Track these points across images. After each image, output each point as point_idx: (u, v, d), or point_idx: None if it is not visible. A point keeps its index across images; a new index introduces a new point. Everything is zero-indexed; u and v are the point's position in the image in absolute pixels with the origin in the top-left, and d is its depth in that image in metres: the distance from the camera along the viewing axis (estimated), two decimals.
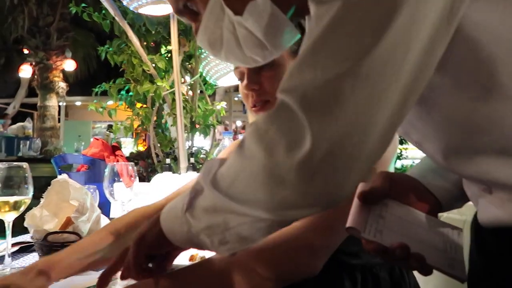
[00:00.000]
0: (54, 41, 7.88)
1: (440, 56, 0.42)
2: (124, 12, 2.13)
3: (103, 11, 2.28)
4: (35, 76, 7.90)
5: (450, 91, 0.46)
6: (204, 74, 2.49)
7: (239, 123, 14.91)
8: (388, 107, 0.40)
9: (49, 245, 0.95)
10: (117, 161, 2.40)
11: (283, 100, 0.42)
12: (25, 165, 1.01)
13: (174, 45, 2.02)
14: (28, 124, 8.27)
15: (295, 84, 0.42)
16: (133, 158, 2.59)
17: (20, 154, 5.38)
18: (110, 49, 2.31)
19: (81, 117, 13.47)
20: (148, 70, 2.20)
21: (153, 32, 2.20)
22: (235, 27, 0.57)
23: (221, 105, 2.52)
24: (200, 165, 2.56)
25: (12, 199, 0.98)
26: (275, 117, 0.43)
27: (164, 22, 2.23)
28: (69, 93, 8.32)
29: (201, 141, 2.78)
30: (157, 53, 2.29)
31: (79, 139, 5.90)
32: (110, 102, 2.67)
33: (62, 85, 7.96)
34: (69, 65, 8.08)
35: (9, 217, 0.97)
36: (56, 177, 1.21)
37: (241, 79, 0.95)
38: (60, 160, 2.57)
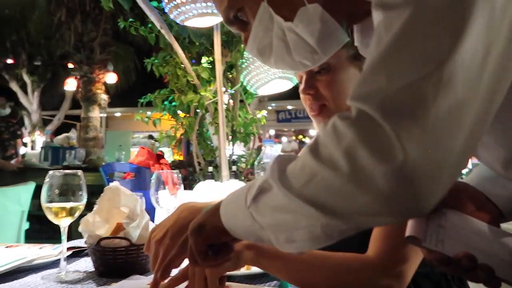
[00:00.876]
0: (97, 55, 8.24)
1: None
2: (170, 25, 2.21)
3: (149, 25, 2.38)
4: (79, 89, 8.28)
5: None
6: (245, 84, 2.53)
7: (272, 132, 14.97)
8: (472, 112, 0.39)
9: (101, 249, 0.99)
10: (162, 169, 2.46)
11: (360, 108, 0.41)
12: (80, 172, 1.05)
13: (217, 56, 2.07)
14: (72, 134, 8.66)
15: (370, 91, 0.41)
16: (175, 166, 2.65)
17: (65, 163, 5.64)
18: (156, 61, 2.40)
19: (120, 127, 13.98)
20: (192, 81, 2.27)
21: (197, 43, 2.27)
22: (285, 33, 0.59)
23: (262, 113, 2.55)
24: (240, 173, 2.60)
25: (68, 205, 1.03)
26: (355, 125, 0.41)
27: (207, 33, 2.29)
28: (110, 104, 8.65)
29: (236, 149, 2.81)
30: (199, 64, 2.36)
31: (120, 149, 6.11)
32: (149, 113, 2.75)
33: (104, 97, 8.30)
34: (111, 78, 8.43)
35: (65, 223, 1.02)
36: (103, 184, 1.25)
37: (300, 82, 0.97)
38: (108, 168, 2.68)
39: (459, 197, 0.55)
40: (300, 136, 16.35)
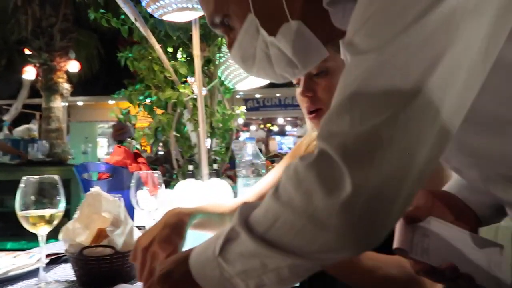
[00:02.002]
0: (58, 42, 7.83)
1: (472, 98, 0.43)
2: (144, 17, 2.11)
3: (122, 17, 2.26)
4: (39, 78, 7.86)
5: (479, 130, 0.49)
6: (222, 78, 2.47)
7: (240, 121, 14.97)
8: (426, 150, 0.42)
9: (84, 259, 0.94)
10: (140, 168, 2.38)
11: (322, 148, 0.43)
12: (56, 177, 1.00)
13: (196, 51, 2.00)
14: (33, 126, 8.24)
15: (334, 132, 0.43)
16: (151, 163, 2.57)
17: (28, 157, 5.36)
18: (130, 55, 2.29)
19: (83, 117, 13.44)
20: (170, 76, 2.19)
21: (174, 37, 2.19)
22: (268, 47, 0.60)
23: (241, 109, 2.51)
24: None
25: (47, 212, 0.96)
26: (314, 164, 0.44)
27: (184, 27, 2.21)
28: (72, 93, 8.30)
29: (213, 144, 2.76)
30: (175, 59, 2.27)
31: (86, 141, 5.87)
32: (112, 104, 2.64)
33: (66, 86, 7.92)
34: (73, 66, 8.05)
35: (43, 231, 0.96)
36: (70, 179, 1.19)
37: (297, 83, 0.97)
38: (82, 168, 2.55)
39: (443, 205, 0.59)
40: (268, 125, 16.42)
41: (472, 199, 0.60)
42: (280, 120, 16.40)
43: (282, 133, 16.83)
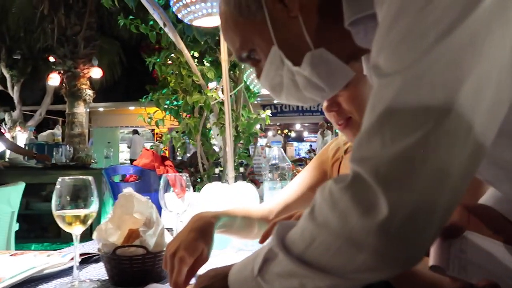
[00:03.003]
0: (81, 50, 8.04)
1: (504, 112, 0.43)
2: (173, 23, 2.15)
3: (151, 23, 2.31)
4: (63, 84, 8.07)
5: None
6: (248, 83, 2.49)
7: (257, 126, 15.00)
8: (460, 168, 0.42)
9: (117, 258, 0.95)
10: (167, 171, 2.41)
11: (356, 171, 0.44)
12: (90, 178, 1.02)
13: (223, 55, 2.02)
14: (57, 131, 8.46)
15: (366, 156, 0.44)
16: (176, 167, 2.61)
17: (52, 161, 5.48)
18: (158, 60, 2.34)
19: (104, 123, 13.72)
20: (197, 81, 2.22)
21: (202, 42, 2.22)
22: (294, 75, 0.62)
23: (266, 113, 2.52)
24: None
25: (81, 212, 0.99)
26: (349, 187, 0.44)
27: (211, 32, 2.24)
28: (93, 99, 8.48)
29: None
30: (201, 64, 2.31)
31: (108, 146, 5.98)
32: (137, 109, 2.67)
33: (89, 93, 8.11)
34: (96, 72, 8.24)
35: (78, 231, 0.97)
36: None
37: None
38: (111, 171, 2.60)
39: (480, 219, 0.57)
40: (286, 131, 16.40)
41: (510, 211, 0.58)
42: (298, 126, 16.35)
43: (299, 139, 16.77)
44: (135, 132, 10.98)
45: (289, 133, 16.16)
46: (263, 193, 1.65)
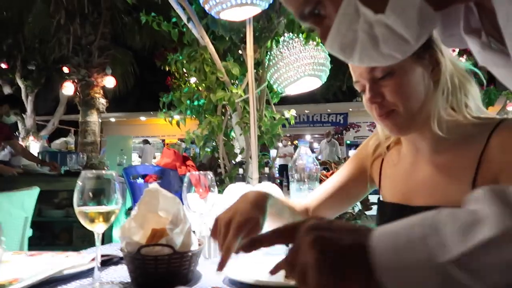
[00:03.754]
0: (95, 59, 8.12)
1: None
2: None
3: (174, 19, 2.26)
4: (77, 93, 8.11)
5: None
6: (271, 82, 2.42)
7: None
8: None
9: (141, 258, 0.87)
10: (189, 171, 2.34)
11: None
12: (113, 173, 0.94)
13: (249, 51, 1.96)
14: (70, 139, 8.48)
15: None
16: (197, 168, 2.53)
17: (66, 168, 5.46)
18: (181, 57, 2.28)
19: (115, 133, 13.79)
20: (222, 77, 2.15)
21: (226, 38, 2.16)
22: (373, 27, 0.55)
23: (291, 113, 2.44)
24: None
25: (104, 209, 0.91)
26: None
27: (236, 28, 2.18)
28: (105, 109, 8.51)
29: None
30: (225, 60, 2.24)
31: (121, 153, 5.95)
32: (161, 116, 2.60)
33: (102, 101, 8.15)
34: (109, 81, 8.28)
35: (100, 229, 0.91)
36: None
37: (362, 91, 0.94)
38: (130, 170, 2.53)
39: None
40: (296, 141, 16.35)
41: None
42: (308, 137, 16.28)
43: (309, 149, 16.65)
44: (146, 142, 11.01)
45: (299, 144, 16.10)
46: (290, 195, 1.56)
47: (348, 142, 15.49)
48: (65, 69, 8.38)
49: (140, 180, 2.46)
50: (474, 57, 0.60)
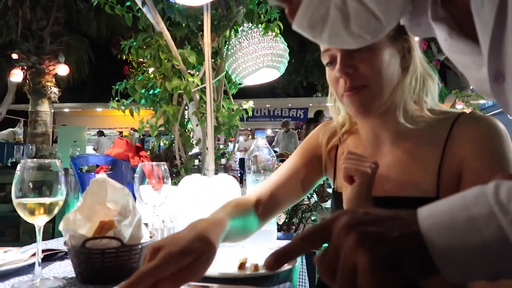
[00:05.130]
0: (47, 45, 7.70)
1: None
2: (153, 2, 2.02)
3: (128, 3, 2.16)
4: (27, 81, 7.67)
5: None
6: (230, 72, 2.38)
7: None
8: None
9: (87, 252, 0.83)
10: (142, 162, 2.26)
11: None
12: (58, 162, 0.89)
13: (206, 38, 1.91)
14: (19, 130, 8.02)
15: None
16: (152, 159, 2.45)
17: (12, 160, 5.15)
18: (135, 43, 2.19)
19: (69, 124, 13.19)
20: (178, 65, 2.08)
21: (183, 25, 2.09)
22: (346, 2, 0.54)
23: (249, 104, 2.41)
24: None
25: (46, 200, 0.86)
26: None
27: (193, 15, 2.12)
28: (58, 99, 8.12)
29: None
30: (182, 48, 2.18)
31: (74, 145, 5.69)
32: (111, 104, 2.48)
33: (54, 90, 7.76)
34: (62, 69, 7.89)
35: (41, 221, 0.86)
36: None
37: (331, 62, 0.90)
38: (80, 161, 2.39)
39: None
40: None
41: None
42: (268, 131, 16.38)
43: (270, 144, 16.77)
44: (101, 133, 10.60)
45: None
46: (246, 186, 1.54)
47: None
48: (14, 55, 7.89)
49: (89, 171, 2.35)
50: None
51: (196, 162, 2.21)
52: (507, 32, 0.44)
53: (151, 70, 2.55)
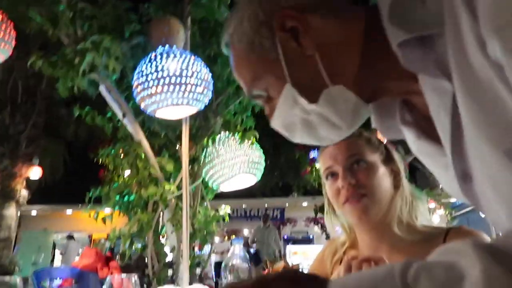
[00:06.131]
0: (23, 149, 7.66)
1: None
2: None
3: (109, 114, 2.25)
4: None
5: None
6: (206, 179, 2.42)
7: None
8: None
9: None
10: (111, 273, 2.12)
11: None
12: (18, 279, 0.84)
13: (184, 148, 1.97)
14: None
15: None
16: (122, 269, 2.31)
17: None
18: (113, 151, 2.23)
19: (35, 227, 12.48)
20: (155, 174, 2.11)
21: (161, 136, 2.17)
22: (309, 113, 0.60)
23: (226, 210, 2.40)
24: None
25: None
26: None
27: (172, 125, 2.22)
28: (27, 201, 7.84)
29: None
30: (160, 156, 2.23)
31: (38, 251, 5.34)
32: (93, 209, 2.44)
33: (24, 194, 7.53)
34: (35, 173, 7.76)
35: None
36: None
37: (331, 175, 1.01)
38: (42, 274, 2.20)
39: None
40: (233, 236, 15.90)
41: None
42: (246, 232, 15.97)
43: (247, 245, 16.19)
44: (70, 237, 10.05)
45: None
46: None
47: (285, 237, 15.40)
48: None
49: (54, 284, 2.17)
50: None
51: (170, 272, 2.11)
52: (465, 135, 0.48)
53: (127, 173, 2.56)
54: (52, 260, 8.94)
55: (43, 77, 7.45)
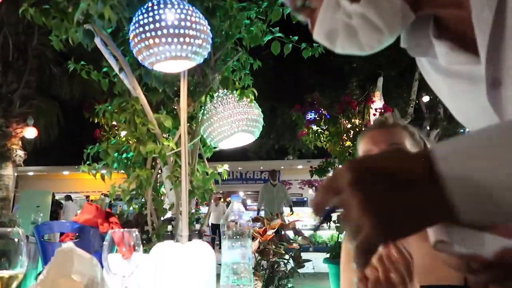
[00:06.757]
0: (16, 108, 7.60)
1: None
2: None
3: (105, 69, 2.19)
4: None
5: None
6: (205, 137, 2.40)
7: None
8: None
9: None
10: (112, 228, 2.15)
11: None
12: (20, 231, 0.84)
13: (183, 104, 1.94)
14: None
15: None
16: (122, 225, 2.34)
17: None
18: (110, 107, 2.19)
19: (33, 188, 12.63)
20: (153, 129, 2.08)
21: (160, 90, 2.13)
22: (351, 17, 0.60)
23: (223, 168, 2.41)
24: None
25: (4, 274, 0.79)
26: None
27: (170, 81, 2.17)
28: (23, 162, 7.86)
29: None
30: (157, 113, 2.20)
31: (37, 210, 5.40)
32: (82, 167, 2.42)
33: (20, 153, 7.53)
34: (30, 132, 7.73)
35: None
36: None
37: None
38: (44, 228, 2.23)
39: None
40: (229, 199, 16.20)
41: None
42: (241, 194, 16.25)
43: (242, 205, 16.49)
44: (68, 198, 10.23)
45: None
46: (221, 252, 1.49)
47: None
48: None
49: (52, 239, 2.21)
50: None
51: (169, 228, 2.13)
52: (506, 34, 0.48)
53: (123, 133, 2.53)
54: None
55: (34, 33, 7.23)
